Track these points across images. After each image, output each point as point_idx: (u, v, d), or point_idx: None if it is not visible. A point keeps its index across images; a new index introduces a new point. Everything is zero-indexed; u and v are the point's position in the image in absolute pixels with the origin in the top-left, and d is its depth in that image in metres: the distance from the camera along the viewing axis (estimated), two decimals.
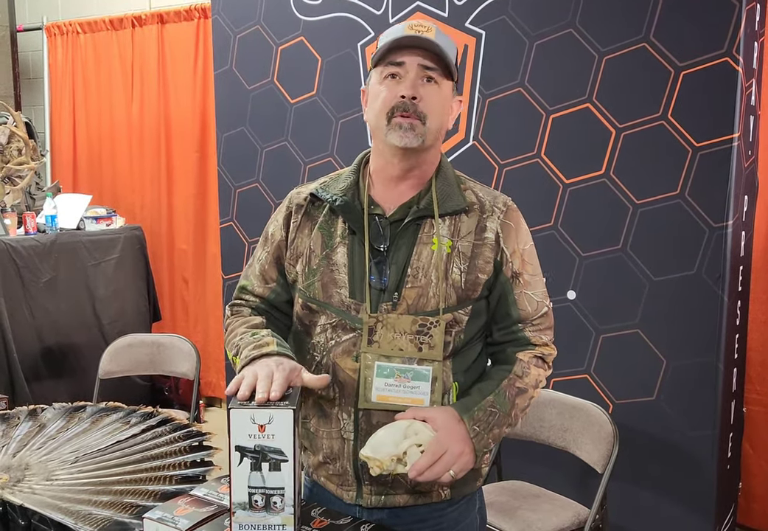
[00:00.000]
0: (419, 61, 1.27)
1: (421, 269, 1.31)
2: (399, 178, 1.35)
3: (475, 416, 1.26)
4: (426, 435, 1.21)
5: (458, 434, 1.24)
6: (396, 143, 1.28)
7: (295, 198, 1.42)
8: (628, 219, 2.56)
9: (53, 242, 3.67)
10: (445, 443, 1.21)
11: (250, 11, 3.38)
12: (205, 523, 1.16)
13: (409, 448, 1.19)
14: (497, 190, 1.41)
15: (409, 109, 1.27)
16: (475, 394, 1.31)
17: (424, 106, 1.27)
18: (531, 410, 2.41)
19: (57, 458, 1.45)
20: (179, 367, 3.16)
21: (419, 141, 1.28)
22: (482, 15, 2.78)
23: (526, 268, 1.37)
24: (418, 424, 1.22)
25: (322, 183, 1.41)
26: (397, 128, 1.27)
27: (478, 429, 1.26)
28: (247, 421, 1.09)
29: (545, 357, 1.39)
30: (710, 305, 2.42)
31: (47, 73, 4.97)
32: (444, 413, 1.26)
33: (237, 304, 1.46)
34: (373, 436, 1.23)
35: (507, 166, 2.79)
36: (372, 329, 1.30)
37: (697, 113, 2.39)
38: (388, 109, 1.28)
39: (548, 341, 1.40)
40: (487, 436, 1.27)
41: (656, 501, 2.61)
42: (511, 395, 1.32)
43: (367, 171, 1.40)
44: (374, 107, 1.31)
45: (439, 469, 1.18)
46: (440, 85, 1.30)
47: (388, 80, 1.29)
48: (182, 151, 4.44)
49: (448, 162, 1.41)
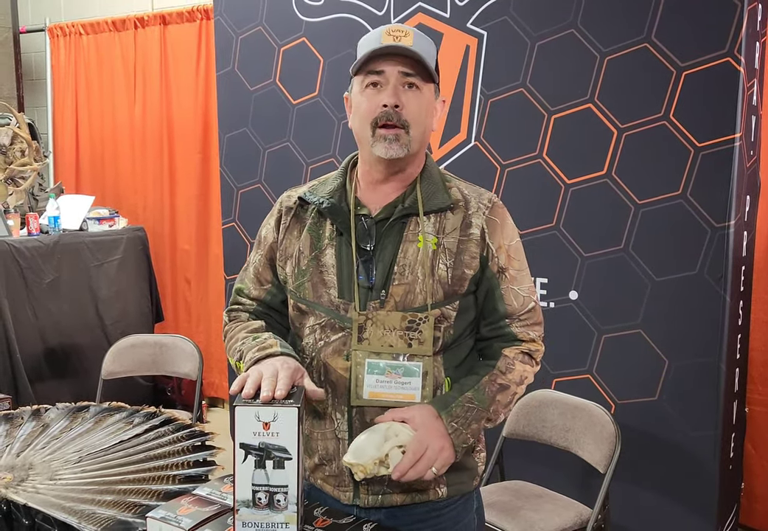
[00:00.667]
0: (399, 69, 1.28)
1: (407, 266, 1.32)
2: (383, 181, 1.37)
3: (452, 412, 1.28)
4: (406, 435, 1.22)
5: (437, 431, 1.25)
6: (382, 155, 1.30)
7: (285, 201, 1.45)
8: (630, 219, 2.56)
9: (56, 243, 3.68)
10: (424, 441, 1.22)
11: (252, 12, 3.39)
12: (208, 522, 1.16)
13: (391, 450, 1.20)
14: (483, 188, 1.43)
15: (392, 118, 1.28)
16: (454, 390, 1.32)
17: (407, 113, 1.29)
18: (533, 410, 2.44)
19: (60, 458, 1.46)
20: (182, 367, 3.17)
21: (404, 151, 1.30)
22: (484, 15, 2.78)
23: (512, 264, 1.38)
24: (397, 425, 1.24)
25: (311, 187, 1.43)
26: (382, 140, 1.29)
27: (456, 425, 1.27)
28: (252, 419, 1.10)
29: (532, 353, 1.40)
30: (712, 305, 2.42)
31: (50, 75, 4.98)
32: (422, 411, 1.27)
33: (234, 310, 1.47)
34: (354, 442, 1.24)
35: (509, 166, 2.79)
36: (362, 327, 1.31)
37: (699, 113, 2.40)
38: (372, 120, 1.30)
39: (536, 337, 1.41)
40: (466, 432, 1.28)
41: (658, 501, 2.61)
42: (492, 391, 1.32)
43: (354, 173, 1.42)
44: (358, 117, 1.33)
45: (422, 468, 1.20)
46: (422, 90, 1.31)
47: (369, 89, 1.31)
48: (184, 152, 4.44)
49: (433, 161, 1.43)
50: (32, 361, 3.57)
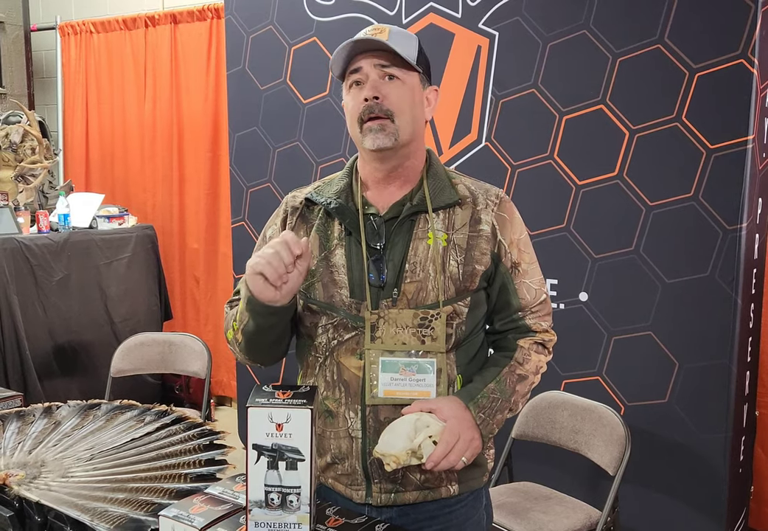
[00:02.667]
0: (374, 62, 1.30)
1: (418, 264, 1.33)
2: (386, 179, 1.38)
3: (479, 403, 1.30)
4: (437, 426, 1.23)
5: (467, 421, 1.27)
6: (370, 147, 1.31)
7: (291, 201, 1.45)
8: (641, 221, 2.55)
9: (66, 241, 3.69)
10: (456, 431, 1.24)
11: (263, 11, 3.39)
12: (220, 522, 1.16)
13: (423, 441, 1.21)
14: (489, 184, 1.43)
15: (374, 110, 1.30)
16: (477, 381, 1.34)
17: (389, 103, 1.30)
18: (542, 412, 2.43)
19: (72, 455, 1.46)
20: (191, 365, 3.17)
21: (392, 140, 1.31)
22: (496, 16, 2.78)
23: (523, 257, 1.40)
24: (426, 416, 1.25)
25: (316, 187, 1.44)
26: (368, 132, 1.31)
27: (483, 416, 1.30)
28: (265, 420, 1.10)
29: (546, 343, 1.43)
30: (723, 308, 2.42)
31: (60, 73, 5.00)
32: (450, 403, 1.29)
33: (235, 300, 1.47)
34: (385, 433, 1.24)
35: (519, 167, 2.78)
36: (374, 326, 1.32)
37: (712, 115, 2.39)
38: (357, 117, 1.32)
39: (548, 327, 1.44)
40: (492, 422, 1.31)
41: (667, 504, 2.60)
42: (512, 382, 1.35)
43: (359, 174, 1.43)
44: (348, 117, 1.36)
45: (454, 458, 1.22)
46: (403, 80, 1.32)
47: (353, 89, 1.33)
48: (194, 151, 4.45)
49: (437, 158, 1.44)
50: (41, 358, 3.58)
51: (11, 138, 3.92)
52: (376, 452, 1.23)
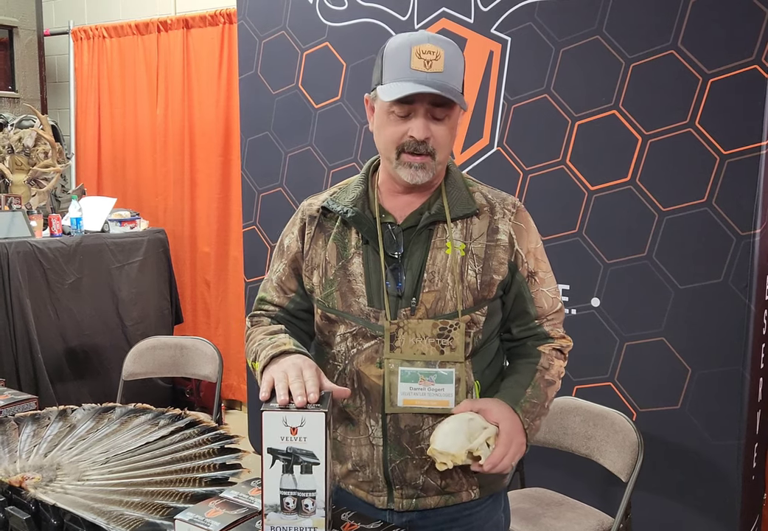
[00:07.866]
0: (427, 102, 1.25)
1: (437, 273, 1.32)
2: (405, 191, 1.37)
3: (523, 408, 1.31)
4: (492, 428, 1.24)
5: (518, 425, 1.29)
6: (408, 180, 1.30)
7: (307, 210, 1.44)
8: (654, 226, 2.55)
9: (78, 244, 3.71)
10: (511, 434, 1.26)
11: (275, 16, 3.40)
12: (236, 526, 1.16)
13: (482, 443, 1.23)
14: (505, 192, 1.43)
15: (420, 150, 1.27)
16: (515, 387, 1.34)
17: (434, 143, 1.28)
18: (554, 417, 2.42)
19: (88, 459, 1.46)
20: (202, 369, 3.18)
21: (429, 176, 1.31)
22: (508, 21, 2.78)
23: (540, 266, 1.40)
24: (479, 418, 1.26)
25: (332, 194, 1.42)
26: (407, 166, 1.29)
27: (528, 420, 1.31)
28: (280, 424, 1.10)
29: (563, 349, 1.44)
30: (737, 314, 2.41)
31: (73, 77, 5.03)
32: (499, 405, 1.29)
33: (257, 315, 1.48)
34: (438, 432, 1.25)
35: (531, 172, 2.78)
36: (393, 335, 1.32)
37: (725, 121, 2.38)
38: (398, 145, 1.28)
39: (564, 334, 1.45)
40: (533, 426, 1.32)
41: (679, 511, 2.59)
42: (544, 387, 1.36)
43: (376, 179, 1.41)
44: (382, 136, 1.31)
45: (508, 462, 1.24)
46: (449, 116, 1.29)
47: (395, 116, 1.27)
48: (206, 155, 4.47)
49: (455, 166, 1.43)
50: (53, 361, 3.60)
51: (24, 142, 3.95)
52: (433, 450, 1.23)
